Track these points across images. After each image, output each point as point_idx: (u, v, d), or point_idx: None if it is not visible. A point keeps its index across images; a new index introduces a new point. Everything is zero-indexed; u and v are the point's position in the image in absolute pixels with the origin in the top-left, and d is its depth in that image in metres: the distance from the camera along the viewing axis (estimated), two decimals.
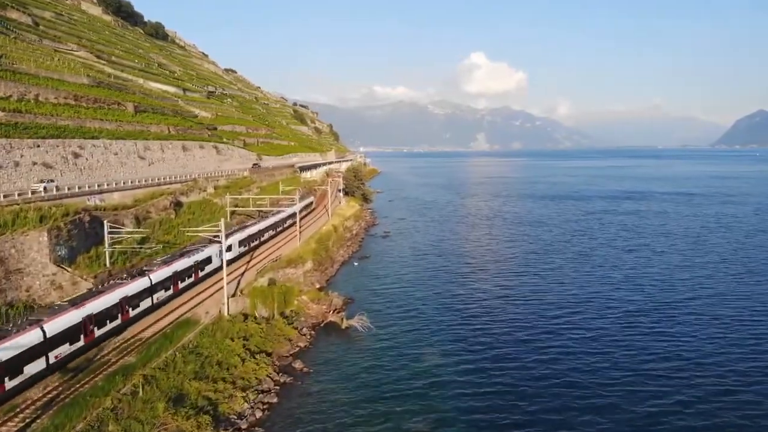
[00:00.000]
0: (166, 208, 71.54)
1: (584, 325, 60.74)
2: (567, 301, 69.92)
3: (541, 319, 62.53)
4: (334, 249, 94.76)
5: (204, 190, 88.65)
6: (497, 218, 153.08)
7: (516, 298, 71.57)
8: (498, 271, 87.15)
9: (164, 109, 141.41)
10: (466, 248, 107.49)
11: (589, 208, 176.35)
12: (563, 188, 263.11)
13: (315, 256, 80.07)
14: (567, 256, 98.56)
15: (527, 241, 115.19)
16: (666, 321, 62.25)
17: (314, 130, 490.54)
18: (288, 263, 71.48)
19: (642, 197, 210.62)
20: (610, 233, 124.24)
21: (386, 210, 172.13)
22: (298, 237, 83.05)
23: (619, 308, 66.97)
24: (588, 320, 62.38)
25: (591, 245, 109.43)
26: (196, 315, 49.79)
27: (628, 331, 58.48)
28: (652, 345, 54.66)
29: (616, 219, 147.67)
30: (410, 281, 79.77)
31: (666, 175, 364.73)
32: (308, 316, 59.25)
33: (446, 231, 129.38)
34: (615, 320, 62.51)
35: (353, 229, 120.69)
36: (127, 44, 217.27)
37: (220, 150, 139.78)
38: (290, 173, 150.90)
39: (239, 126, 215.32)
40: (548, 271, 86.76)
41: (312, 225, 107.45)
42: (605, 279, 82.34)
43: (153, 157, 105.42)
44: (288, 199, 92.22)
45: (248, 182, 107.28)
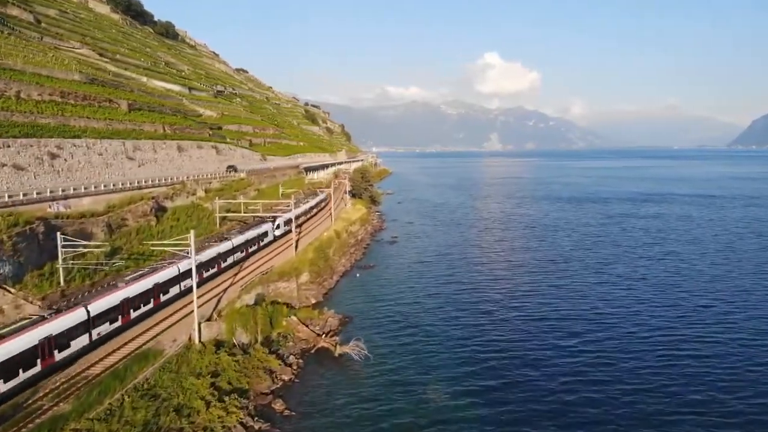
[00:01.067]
0: (145, 215, 64.63)
1: (616, 350, 52.91)
2: (592, 321, 62.00)
3: (565, 344, 54.66)
4: (336, 257, 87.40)
5: (193, 193, 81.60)
6: (511, 222, 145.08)
7: (535, 316, 63.72)
8: (513, 283, 79.26)
9: (163, 108, 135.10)
10: (478, 256, 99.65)
11: (607, 211, 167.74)
12: (579, 190, 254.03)
13: (312, 267, 72.78)
14: (589, 266, 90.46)
15: (544, 248, 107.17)
16: (706, 343, 54.31)
17: (326, 130, 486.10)
18: (280, 276, 64.22)
19: (662, 200, 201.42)
20: (633, 240, 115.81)
21: (395, 213, 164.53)
22: (294, 246, 75.70)
23: (652, 329, 59.00)
24: (619, 344, 54.48)
25: (614, 253, 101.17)
26: (160, 344, 42.39)
27: (664, 359, 50.58)
28: (691, 373, 46.95)
29: (637, 224, 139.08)
30: (416, 296, 72.11)
31: (684, 176, 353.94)
32: (298, 340, 51.86)
33: (457, 236, 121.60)
34: (649, 343, 54.62)
35: (358, 234, 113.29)
36: (134, 43, 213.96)
37: (220, 150, 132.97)
38: (294, 174, 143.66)
39: (246, 125, 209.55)
40: (569, 284, 78.78)
41: (313, 230, 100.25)
42: (633, 293, 74.27)
43: (144, 158, 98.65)
44: (283, 205, 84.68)
45: (245, 184, 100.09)
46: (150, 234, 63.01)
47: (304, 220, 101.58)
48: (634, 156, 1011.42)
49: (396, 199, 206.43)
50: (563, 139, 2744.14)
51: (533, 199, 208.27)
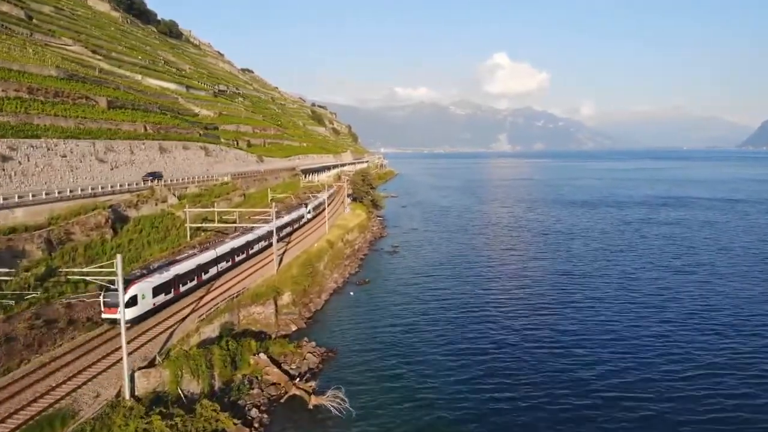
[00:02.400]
0: (99, 227, 55.48)
1: (650, 389, 43.26)
2: (620, 354, 52.26)
3: (592, 383, 45.07)
4: (327, 271, 77.90)
5: (163, 200, 72.24)
6: (522, 228, 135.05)
7: (551, 346, 54.00)
8: (528, 305, 69.26)
9: (150, 106, 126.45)
10: (486, 271, 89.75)
11: (624, 216, 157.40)
12: (592, 192, 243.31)
13: (295, 286, 63.29)
14: (611, 282, 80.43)
15: (560, 260, 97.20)
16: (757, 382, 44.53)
17: (332, 130, 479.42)
18: (254, 299, 54.74)
19: (680, 203, 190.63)
20: (657, 250, 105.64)
21: (398, 218, 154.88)
22: (275, 262, 66.20)
23: (691, 361, 49.28)
24: (653, 384, 44.83)
25: (638, 266, 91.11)
26: (76, 402, 32.88)
27: (709, 403, 40.92)
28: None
29: (659, 231, 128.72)
30: (414, 321, 62.26)
31: (700, 178, 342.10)
32: (266, 385, 42.40)
33: (463, 245, 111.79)
34: (690, 383, 44.96)
35: (356, 243, 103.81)
36: (133, 41, 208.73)
37: (209, 151, 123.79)
38: (289, 177, 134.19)
39: (245, 126, 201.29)
40: (590, 304, 68.93)
41: (305, 240, 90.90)
42: (663, 314, 64.44)
43: (118, 160, 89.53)
44: (262, 214, 74.88)
45: (228, 189, 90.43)
46: (102, 250, 53.78)
47: (292, 230, 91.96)
48: (644, 157, 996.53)
49: (400, 203, 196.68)
50: (572, 139, 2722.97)
51: (544, 203, 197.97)
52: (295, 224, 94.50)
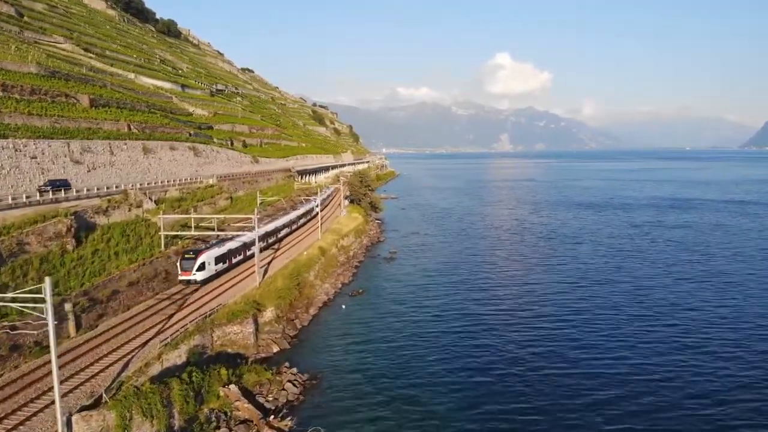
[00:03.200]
0: (60, 236, 49.77)
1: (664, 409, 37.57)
2: (635, 370, 46.52)
3: (605, 409, 39.32)
4: (317, 282, 72.12)
5: (138, 205, 66.37)
6: (525, 232, 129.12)
7: (563, 368, 48.22)
8: (533, 319, 63.46)
9: (138, 104, 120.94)
10: (488, 278, 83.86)
11: (632, 219, 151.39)
12: (597, 194, 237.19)
13: (280, 301, 57.56)
14: (621, 291, 74.64)
15: (566, 267, 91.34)
16: None
17: (333, 131, 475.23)
18: (230, 318, 48.94)
19: (689, 206, 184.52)
20: (668, 255, 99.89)
21: (397, 221, 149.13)
22: (257, 273, 60.32)
23: (709, 372, 43.51)
24: (668, 400, 39.08)
25: (649, 274, 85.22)
26: None
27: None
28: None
29: (669, 235, 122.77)
30: (410, 340, 56.41)
31: (706, 179, 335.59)
32: (236, 422, 36.63)
33: (464, 250, 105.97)
34: (705, 393, 39.22)
35: (351, 248, 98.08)
36: (129, 39, 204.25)
37: (199, 151, 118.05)
38: (282, 178, 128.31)
39: (241, 125, 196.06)
40: (601, 318, 63.07)
41: (295, 246, 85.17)
42: (678, 326, 58.76)
43: (96, 161, 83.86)
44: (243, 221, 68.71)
45: (213, 192, 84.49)
46: (60, 263, 48.05)
47: (282, 236, 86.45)
48: (648, 157, 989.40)
49: (399, 205, 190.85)
50: (574, 140, 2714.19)
51: (548, 205, 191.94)
52: (283, 230, 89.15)
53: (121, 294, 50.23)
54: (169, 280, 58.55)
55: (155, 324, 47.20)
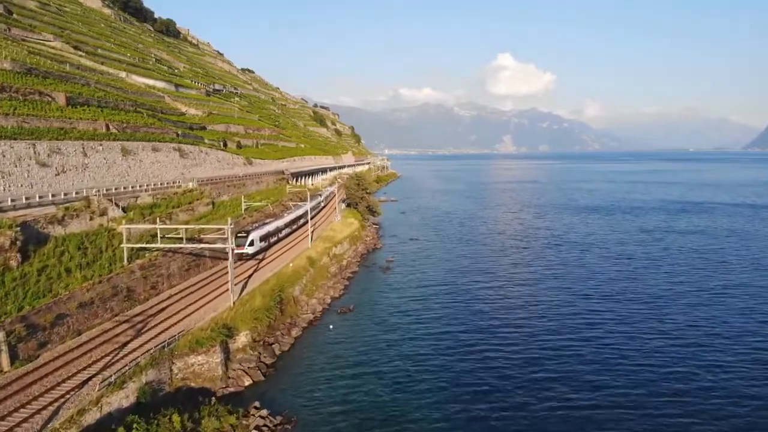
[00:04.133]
0: (2, 250, 43.20)
1: None
2: (655, 398, 39.73)
3: None
4: (304, 297, 65.41)
5: (102, 213, 59.63)
6: (530, 238, 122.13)
7: (576, 397, 41.46)
8: (542, 336, 56.61)
9: (122, 103, 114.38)
10: (492, 291, 76.92)
11: (642, 224, 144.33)
12: (604, 197, 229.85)
13: (257, 323, 50.83)
14: (636, 305, 67.70)
15: (575, 278, 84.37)
16: None
17: (334, 132, 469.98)
18: (194, 347, 42.20)
19: (700, 209, 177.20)
20: (684, 265, 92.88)
21: (395, 226, 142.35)
22: (231, 291, 53.38)
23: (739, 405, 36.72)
24: None
25: (666, 286, 78.10)
26: None
27: None
28: None
29: (683, 242, 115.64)
30: (406, 366, 49.81)
31: (714, 181, 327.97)
32: None
33: (466, 259, 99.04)
34: None
35: (344, 257, 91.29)
36: (124, 38, 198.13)
37: (185, 153, 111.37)
38: (274, 181, 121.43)
39: (236, 125, 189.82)
40: (616, 334, 56.27)
41: (282, 256, 78.41)
42: (706, 352, 51.76)
43: (66, 164, 77.15)
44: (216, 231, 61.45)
45: (192, 198, 77.47)
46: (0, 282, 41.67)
47: (267, 245, 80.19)
48: (652, 158, 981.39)
49: (399, 208, 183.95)
50: (577, 141, 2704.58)
51: (554, 209, 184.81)
52: (268, 239, 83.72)
53: (70, 318, 43.48)
54: (132, 299, 51.87)
55: (105, 354, 40.44)
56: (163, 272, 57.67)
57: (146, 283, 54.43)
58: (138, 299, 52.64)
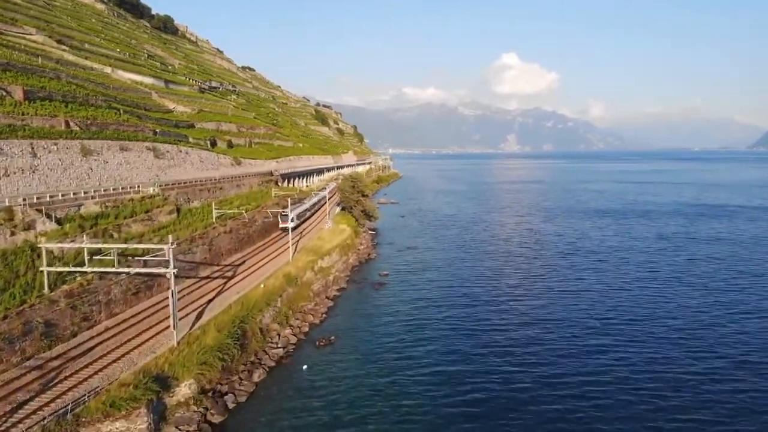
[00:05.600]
0: None
1: None
2: None
3: None
4: (276, 326, 54.93)
5: (27, 227, 49.15)
6: (539, 246, 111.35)
7: None
8: (558, 370, 46.26)
9: (93, 99, 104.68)
10: (497, 312, 66.29)
11: (659, 229, 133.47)
12: (613, 198, 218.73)
13: (204, 369, 40.41)
14: (663, 329, 57.17)
15: (592, 294, 73.72)
16: None
17: (336, 131, 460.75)
18: (106, 412, 31.86)
19: (720, 213, 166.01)
20: (713, 279, 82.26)
21: (394, 231, 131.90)
22: (173, 327, 42.46)
23: None
24: None
25: (696, 305, 67.47)
26: None
27: None
28: None
29: (708, 251, 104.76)
30: (394, 418, 39.56)
31: (726, 182, 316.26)
32: None
33: (469, 272, 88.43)
34: None
35: (332, 271, 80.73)
36: (116, 33, 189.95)
37: (160, 153, 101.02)
38: (259, 183, 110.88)
39: (228, 124, 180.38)
40: (646, 367, 45.85)
41: (255, 273, 68.01)
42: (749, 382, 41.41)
43: (10, 166, 67.04)
44: (154, 252, 50.54)
45: (153, 204, 66.66)
46: None
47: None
48: (657, 158, 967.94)
49: (399, 211, 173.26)
50: (582, 140, 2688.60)
51: (562, 212, 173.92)
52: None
53: None
54: (53, 337, 41.54)
55: None
56: (101, 299, 47.33)
57: (75, 315, 44.12)
58: (62, 336, 42.28)
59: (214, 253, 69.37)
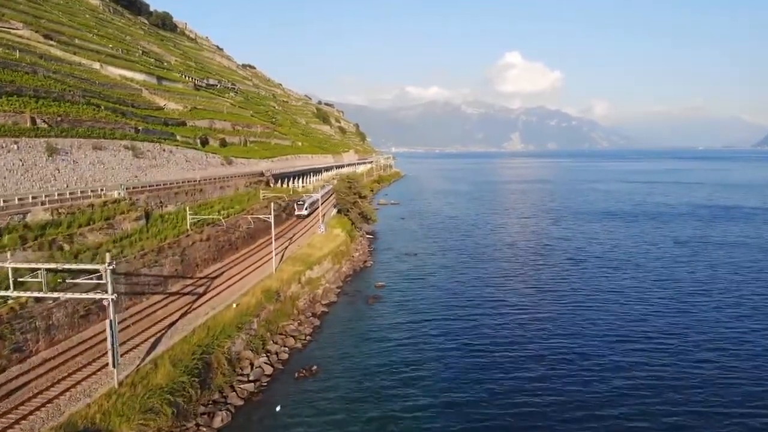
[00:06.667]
0: None
1: None
2: None
3: None
4: (247, 354, 47.40)
5: None
6: (548, 254, 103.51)
7: None
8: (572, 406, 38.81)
9: (68, 94, 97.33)
10: (505, 332, 58.80)
11: (673, 233, 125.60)
12: (623, 199, 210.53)
13: (148, 419, 32.97)
14: (693, 353, 49.68)
15: (611, 310, 66.12)
16: None
17: (338, 129, 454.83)
18: None
19: (735, 215, 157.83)
20: (742, 291, 74.64)
21: (393, 235, 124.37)
22: (112, 365, 34.80)
23: None
24: None
25: (725, 324, 60.00)
26: None
27: None
28: None
29: (731, 258, 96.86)
30: None
31: (738, 182, 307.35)
32: None
33: (472, 284, 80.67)
34: None
35: (321, 282, 73.29)
36: (110, 29, 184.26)
37: (140, 152, 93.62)
38: (246, 185, 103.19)
39: (222, 121, 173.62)
40: (673, 397, 38.41)
41: (226, 291, 60.60)
42: None
43: None
44: (85, 275, 42.48)
45: (114, 211, 58.40)
46: None
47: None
48: (662, 157, 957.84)
49: (399, 213, 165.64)
50: (586, 139, 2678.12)
51: (570, 214, 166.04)
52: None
53: None
54: None
55: None
56: (38, 325, 40.01)
57: (2, 346, 36.84)
58: None
59: (186, 265, 61.95)
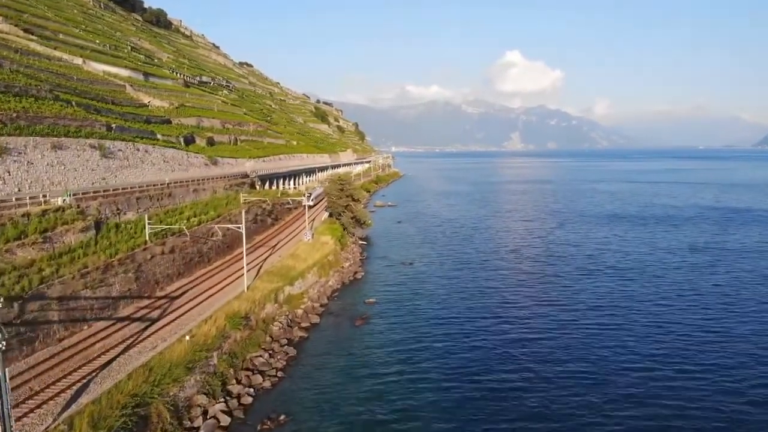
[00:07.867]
0: None
1: None
2: None
3: None
4: (199, 399, 39.00)
5: None
6: (554, 262, 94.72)
7: None
8: None
9: (34, 89, 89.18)
10: (509, 355, 50.55)
11: (687, 238, 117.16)
12: (628, 200, 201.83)
13: None
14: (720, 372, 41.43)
15: (622, 324, 57.88)
16: None
17: (336, 128, 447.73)
18: None
19: (748, 218, 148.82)
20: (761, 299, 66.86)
21: (388, 241, 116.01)
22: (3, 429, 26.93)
23: None
24: None
25: (753, 340, 51.94)
26: None
27: None
28: None
29: (751, 266, 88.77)
30: None
31: (745, 182, 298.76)
32: None
33: (474, 297, 72.15)
34: None
35: (303, 299, 64.93)
36: (99, 25, 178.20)
37: (109, 152, 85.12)
38: (226, 188, 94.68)
39: (211, 119, 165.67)
40: None
41: (184, 316, 52.21)
42: None
43: None
44: None
45: (55, 221, 48.67)
46: None
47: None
48: (664, 156, 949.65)
49: (395, 216, 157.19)
50: (586, 138, 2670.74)
51: (574, 216, 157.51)
52: None
53: None
54: None
55: None
56: None
57: None
58: None
59: (143, 283, 53.51)
